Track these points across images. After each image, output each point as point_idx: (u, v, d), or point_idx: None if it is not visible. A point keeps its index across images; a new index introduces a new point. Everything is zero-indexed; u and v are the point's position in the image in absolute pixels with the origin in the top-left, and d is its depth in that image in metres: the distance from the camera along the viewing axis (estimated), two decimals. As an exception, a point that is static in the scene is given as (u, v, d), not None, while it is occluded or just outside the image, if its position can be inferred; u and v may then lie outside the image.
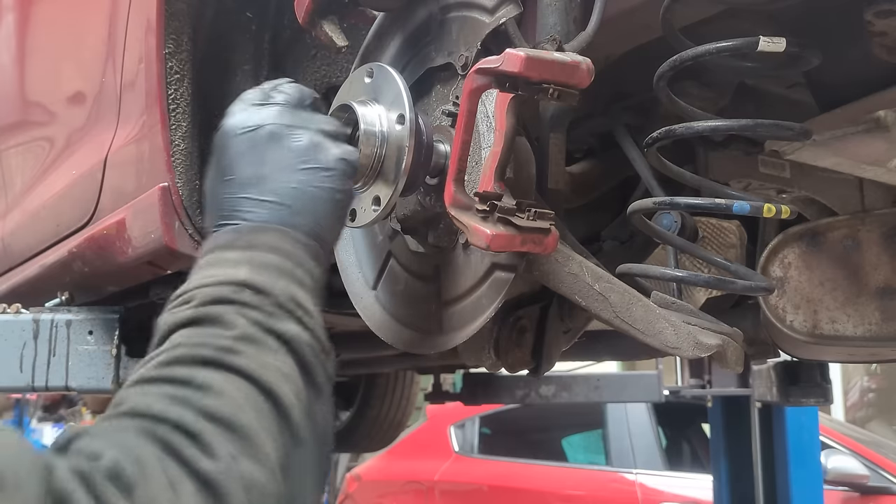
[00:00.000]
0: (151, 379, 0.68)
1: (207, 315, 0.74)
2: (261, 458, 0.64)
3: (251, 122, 0.89)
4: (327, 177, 0.88)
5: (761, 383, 3.16)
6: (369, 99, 1.03)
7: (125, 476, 0.57)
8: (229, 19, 1.41)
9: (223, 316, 0.74)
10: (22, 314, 1.77)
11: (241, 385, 0.68)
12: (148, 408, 0.64)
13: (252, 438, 0.65)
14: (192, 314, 0.74)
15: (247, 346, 0.71)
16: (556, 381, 3.60)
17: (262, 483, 0.63)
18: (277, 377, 0.70)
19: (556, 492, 5.50)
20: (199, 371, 0.68)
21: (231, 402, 0.66)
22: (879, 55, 0.99)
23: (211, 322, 0.73)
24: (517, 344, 1.10)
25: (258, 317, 0.74)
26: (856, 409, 9.83)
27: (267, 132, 0.88)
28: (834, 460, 4.68)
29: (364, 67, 1.07)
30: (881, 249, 1.41)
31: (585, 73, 0.90)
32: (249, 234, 0.83)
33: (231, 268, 0.79)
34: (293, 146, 0.88)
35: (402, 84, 1.01)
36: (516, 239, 0.90)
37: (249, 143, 0.88)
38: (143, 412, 0.64)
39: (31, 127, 2.25)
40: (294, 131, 0.89)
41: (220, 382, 0.67)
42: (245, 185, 0.86)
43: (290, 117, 0.90)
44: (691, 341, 0.94)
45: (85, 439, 0.60)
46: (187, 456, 0.61)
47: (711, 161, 1.29)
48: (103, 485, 0.56)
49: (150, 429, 0.62)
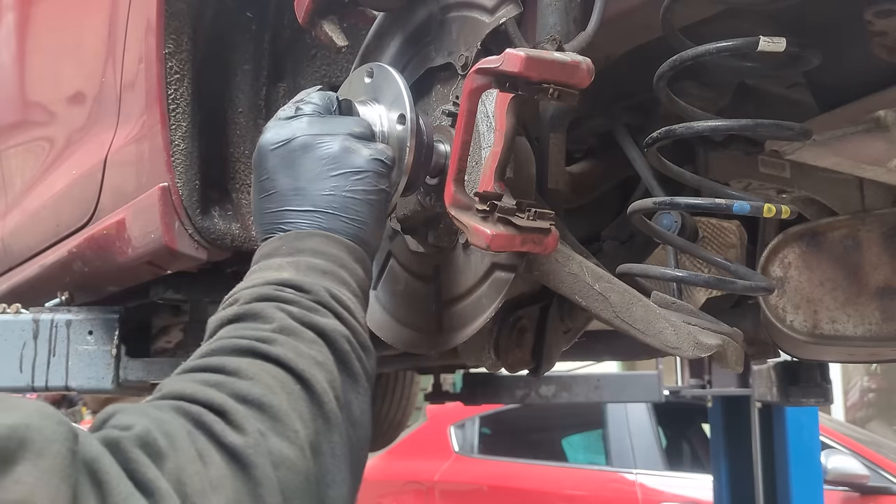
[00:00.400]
0: (188, 368, 0.71)
1: (249, 311, 0.77)
2: (289, 436, 0.66)
3: (282, 136, 0.92)
4: (359, 179, 0.90)
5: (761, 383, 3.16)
6: (369, 99, 1.03)
7: (155, 444, 0.58)
8: (229, 19, 1.41)
9: (263, 311, 0.77)
10: (22, 314, 1.77)
11: (274, 371, 0.70)
12: (180, 391, 0.66)
13: (281, 418, 0.66)
14: (235, 311, 0.78)
15: (283, 337, 0.74)
16: (556, 381, 3.60)
17: (290, 459, 0.65)
18: (310, 364, 0.73)
19: (556, 492, 5.50)
20: (232, 359, 0.71)
21: (261, 385, 0.68)
22: (879, 55, 0.99)
23: (252, 317, 0.77)
24: (517, 344, 1.10)
25: (297, 311, 0.77)
26: (856, 409, 9.83)
27: (298, 144, 0.91)
28: (834, 460, 4.68)
29: (364, 67, 1.07)
30: (881, 249, 1.41)
31: (585, 73, 0.90)
32: (294, 240, 0.86)
33: (275, 271, 0.82)
34: (323, 154, 0.90)
35: (402, 84, 1.01)
36: (516, 239, 0.90)
37: (282, 158, 0.91)
38: (175, 395, 0.66)
39: (31, 127, 2.25)
40: (323, 139, 0.91)
41: (252, 368, 0.70)
42: (285, 198, 0.89)
43: (319, 126, 0.93)
44: (691, 341, 0.94)
45: (117, 417, 0.61)
46: (216, 430, 0.62)
47: (711, 161, 1.29)
48: (131, 450, 0.57)
49: (180, 406, 0.64)
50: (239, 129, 1.43)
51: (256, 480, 0.61)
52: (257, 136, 1.42)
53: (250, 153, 1.43)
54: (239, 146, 1.43)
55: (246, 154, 1.43)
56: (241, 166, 1.43)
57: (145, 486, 0.55)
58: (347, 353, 0.78)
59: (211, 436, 0.62)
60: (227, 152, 1.43)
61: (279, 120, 0.95)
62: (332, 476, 0.69)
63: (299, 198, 0.89)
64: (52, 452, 0.51)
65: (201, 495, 0.57)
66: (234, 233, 1.40)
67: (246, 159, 1.43)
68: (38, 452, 0.50)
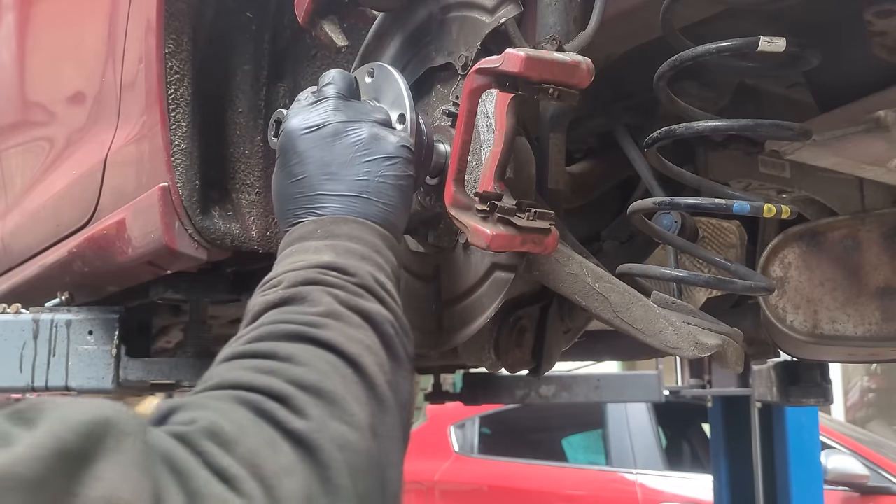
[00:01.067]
0: (237, 355, 0.71)
1: (295, 295, 0.77)
2: (349, 420, 0.66)
3: (312, 121, 0.92)
4: (391, 165, 0.91)
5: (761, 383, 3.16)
6: (370, 98, 1.03)
7: (223, 434, 0.58)
8: (229, 19, 1.41)
9: (310, 294, 0.77)
10: (22, 314, 1.77)
11: (326, 356, 0.71)
12: (236, 380, 0.66)
13: (339, 403, 0.66)
14: (280, 295, 0.78)
15: (332, 321, 0.74)
16: (556, 381, 3.60)
17: (353, 442, 0.65)
18: (361, 349, 0.73)
19: (556, 492, 5.50)
20: (283, 344, 0.71)
21: (317, 371, 0.68)
22: (879, 55, 0.99)
23: (298, 301, 0.77)
24: (517, 344, 1.10)
25: (343, 295, 0.78)
26: (856, 409, 9.83)
27: (329, 130, 0.91)
28: (834, 460, 4.68)
29: (365, 67, 1.07)
30: (881, 249, 1.41)
31: (585, 73, 0.90)
32: (329, 224, 0.87)
33: (314, 254, 0.82)
34: (355, 140, 0.91)
35: (402, 84, 1.01)
36: (516, 239, 0.90)
37: (314, 142, 0.91)
38: (231, 384, 0.66)
39: (31, 127, 2.25)
40: (352, 126, 0.92)
41: (304, 353, 0.70)
42: (316, 182, 0.89)
43: (346, 112, 0.93)
44: (691, 341, 0.94)
45: (178, 413, 0.61)
46: (280, 418, 0.62)
47: (711, 161, 1.29)
48: (201, 442, 0.57)
49: (241, 397, 0.63)
50: (239, 129, 1.43)
51: (325, 464, 0.61)
52: (257, 136, 1.43)
53: (250, 153, 1.43)
54: (239, 146, 1.43)
55: (246, 154, 1.43)
56: (241, 166, 1.43)
57: (222, 472, 0.55)
58: (392, 337, 0.78)
59: (275, 423, 0.62)
60: (227, 152, 1.43)
61: (303, 105, 0.96)
62: (389, 457, 0.70)
63: (332, 182, 0.89)
64: (129, 446, 0.51)
65: (276, 478, 0.57)
66: (234, 233, 1.40)
67: (246, 159, 1.43)
68: (116, 447, 0.50)
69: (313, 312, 0.75)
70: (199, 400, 0.63)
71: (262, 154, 1.43)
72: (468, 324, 1.04)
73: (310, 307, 0.75)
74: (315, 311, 0.75)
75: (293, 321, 0.73)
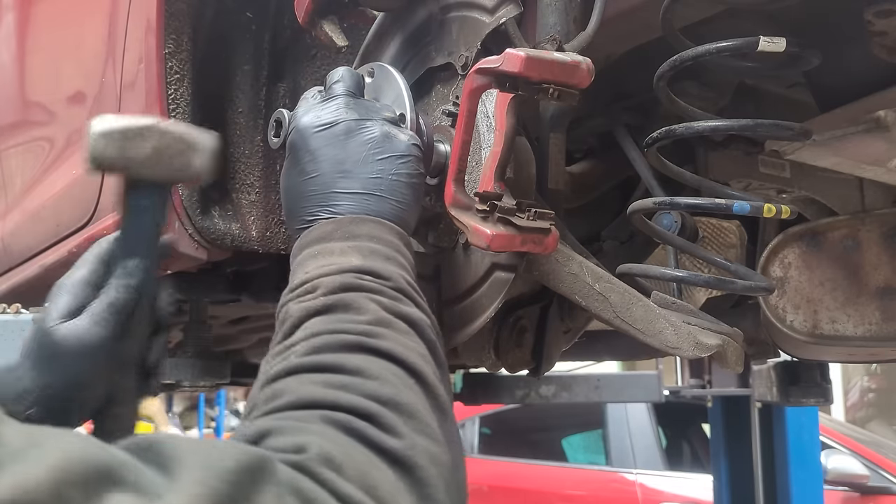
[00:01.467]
0: (302, 368, 0.70)
1: (339, 302, 0.76)
2: (430, 433, 0.67)
3: (324, 119, 0.92)
4: (404, 163, 0.91)
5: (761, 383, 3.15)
6: (371, 98, 1.03)
7: (334, 460, 0.58)
8: (229, 19, 1.41)
9: (354, 301, 0.76)
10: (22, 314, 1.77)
11: (390, 367, 0.71)
12: (313, 397, 0.65)
13: (417, 416, 0.67)
14: (323, 302, 0.77)
15: (384, 330, 0.74)
16: (556, 381, 3.60)
17: (439, 455, 0.65)
18: (417, 358, 0.73)
19: (556, 492, 5.50)
20: (347, 356, 0.70)
21: (389, 384, 0.68)
22: (879, 55, 0.99)
23: (344, 308, 0.76)
24: (517, 344, 1.10)
25: (385, 301, 0.77)
26: (856, 409, 9.83)
27: (342, 128, 0.91)
28: (834, 460, 4.68)
29: (365, 67, 1.07)
30: (881, 249, 1.41)
31: (585, 73, 0.90)
32: (348, 225, 0.86)
33: (340, 256, 0.82)
34: (368, 138, 0.91)
35: (402, 84, 1.01)
36: (516, 239, 0.90)
37: (327, 140, 0.91)
38: (310, 402, 0.65)
39: (31, 127, 2.25)
40: (364, 124, 0.92)
41: (370, 365, 0.69)
42: (330, 180, 0.89)
43: (357, 110, 0.93)
44: (691, 341, 0.94)
45: (276, 438, 0.61)
46: (373, 437, 0.62)
47: (711, 161, 1.29)
48: (321, 470, 0.57)
49: (329, 417, 0.63)
50: (239, 129, 1.43)
51: (424, 482, 0.62)
52: (257, 136, 1.43)
53: (250, 153, 1.43)
54: (239, 146, 1.43)
55: (246, 154, 1.43)
56: (241, 166, 1.43)
57: (347, 499, 0.56)
58: (434, 341, 0.79)
59: (368, 443, 0.62)
60: (227, 152, 1.43)
61: (313, 102, 0.95)
62: (458, 461, 0.70)
63: (346, 180, 0.88)
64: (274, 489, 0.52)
65: (392, 498, 0.58)
66: (234, 233, 1.40)
67: (246, 159, 1.43)
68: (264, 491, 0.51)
69: (363, 321, 0.74)
70: (291, 424, 0.63)
71: (262, 154, 1.43)
72: (468, 324, 1.04)
73: (358, 315, 0.75)
74: (365, 320, 0.74)
75: (347, 330, 0.73)
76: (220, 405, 9.46)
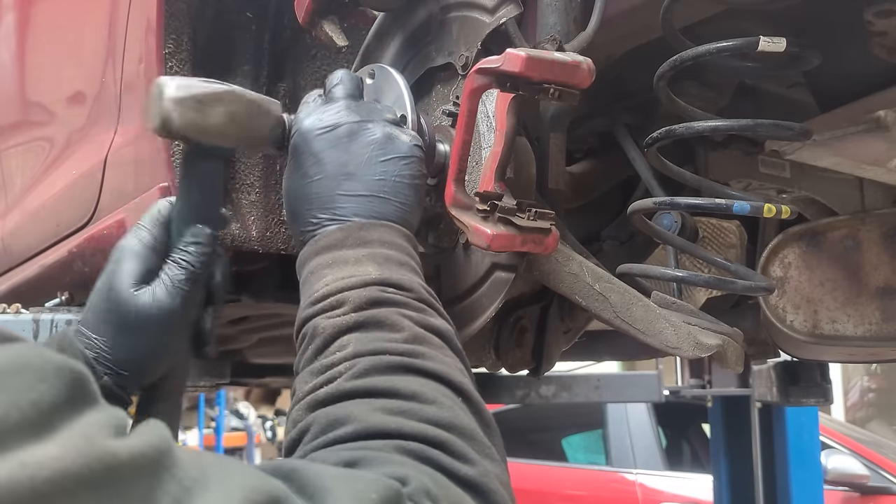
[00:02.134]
0: (355, 392, 0.70)
1: (371, 319, 0.77)
2: (490, 454, 0.68)
3: (326, 122, 0.91)
4: (406, 164, 0.91)
5: (761, 383, 3.16)
6: (371, 100, 1.03)
7: (431, 491, 0.60)
8: (229, 19, 1.41)
9: (387, 318, 0.77)
10: (22, 314, 1.77)
11: (440, 388, 0.72)
12: (379, 426, 0.66)
13: (477, 438, 0.68)
14: (355, 319, 0.77)
15: (423, 348, 0.75)
16: (556, 381, 3.60)
17: (502, 475, 0.67)
18: (458, 374, 0.74)
19: (556, 492, 5.50)
20: (397, 379, 0.71)
21: (445, 408, 0.69)
22: (879, 55, 0.99)
23: (377, 326, 0.76)
24: (517, 344, 1.10)
25: (414, 315, 0.78)
26: (856, 409, 9.83)
27: (344, 130, 0.91)
28: (834, 460, 4.68)
29: (366, 68, 1.07)
30: (881, 249, 1.41)
31: (586, 74, 0.90)
32: (358, 231, 0.85)
33: (357, 266, 0.82)
34: (370, 140, 0.91)
35: (403, 85, 1.01)
36: (517, 239, 0.90)
37: (329, 143, 0.90)
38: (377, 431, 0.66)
39: (31, 127, 2.24)
40: (366, 125, 0.91)
41: (422, 388, 0.70)
42: (334, 183, 0.89)
43: (358, 111, 0.93)
44: (691, 341, 0.94)
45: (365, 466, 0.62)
46: (448, 466, 0.64)
47: (711, 161, 1.29)
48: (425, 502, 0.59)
49: (403, 448, 0.64)
50: (239, 129, 1.43)
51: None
52: (257, 136, 1.43)
53: (250, 153, 1.43)
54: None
55: (245, 154, 1.43)
56: (240, 166, 1.43)
57: None
58: (461, 350, 0.79)
59: (446, 471, 0.63)
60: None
61: (315, 105, 0.95)
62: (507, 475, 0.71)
63: (350, 182, 0.88)
64: None
65: None
66: (234, 233, 1.40)
67: (246, 159, 1.43)
68: None
69: (401, 339, 0.75)
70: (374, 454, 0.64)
71: (261, 154, 1.43)
72: (468, 324, 1.03)
73: (394, 333, 0.76)
74: (402, 338, 0.75)
75: (388, 350, 0.74)
76: (220, 405, 9.46)
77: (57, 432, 0.43)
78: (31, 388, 0.44)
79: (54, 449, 0.42)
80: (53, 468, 0.41)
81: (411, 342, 0.75)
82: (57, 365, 0.46)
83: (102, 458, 0.43)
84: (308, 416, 0.70)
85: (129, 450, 0.45)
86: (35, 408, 0.43)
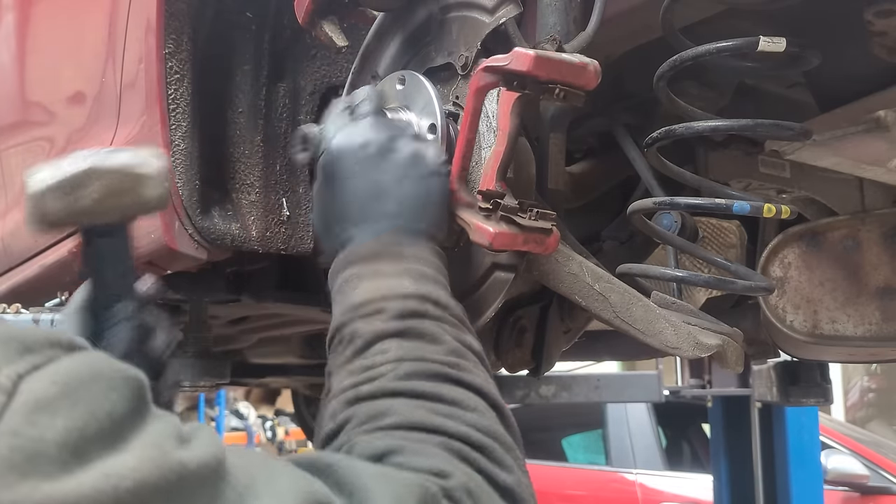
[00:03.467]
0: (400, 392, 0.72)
1: (412, 328, 0.79)
2: (522, 466, 0.71)
3: (356, 140, 0.93)
4: (435, 182, 0.92)
5: (761, 383, 3.15)
6: (401, 106, 1.03)
7: (473, 492, 0.62)
8: (229, 19, 1.41)
9: (428, 330, 0.79)
10: (22, 314, 1.77)
11: (478, 400, 0.74)
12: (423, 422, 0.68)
13: (512, 449, 0.71)
14: (395, 326, 0.78)
15: (462, 361, 0.77)
16: (556, 381, 3.60)
17: (530, 486, 0.70)
18: (494, 389, 0.77)
19: (556, 492, 5.50)
20: (440, 386, 0.73)
21: (486, 417, 0.72)
22: (879, 55, 0.99)
23: (418, 336, 0.78)
24: (517, 344, 1.10)
25: (453, 331, 0.80)
26: (856, 409, 9.83)
27: (375, 149, 0.92)
28: (834, 460, 4.68)
29: (396, 74, 1.08)
30: (881, 249, 1.41)
31: (593, 75, 0.90)
32: (393, 245, 0.87)
33: (394, 279, 0.83)
34: (400, 158, 0.92)
35: (433, 92, 1.02)
36: (518, 238, 0.90)
37: (361, 161, 0.92)
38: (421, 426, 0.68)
39: (32, 127, 2.24)
40: (395, 143, 0.93)
41: (464, 397, 0.73)
42: (369, 200, 0.90)
43: (386, 129, 0.94)
44: (691, 341, 0.94)
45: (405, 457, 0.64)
46: (489, 471, 0.66)
47: (711, 161, 1.29)
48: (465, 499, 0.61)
49: (446, 444, 0.66)
50: (239, 129, 1.43)
51: None
52: (257, 136, 1.43)
53: (250, 153, 1.43)
54: (239, 146, 1.43)
55: (246, 154, 1.43)
56: (241, 166, 1.43)
57: None
58: (490, 369, 0.81)
59: (486, 475, 0.65)
60: (227, 152, 1.43)
61: (342, 123, 0.96)
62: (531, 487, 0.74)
63: (383, 199, 0.89)
64: None
65: None
66: (234, 233, 1.40)
67: (246, 159, 1.43)
68: None
69: (442, 351, 0.77)
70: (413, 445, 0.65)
71: (261, 154, 1.43)
72: (468, 324, 1.03)
73: (434, 344, 0.78)
74: (443, 350, 0.77)
75: (429, 359, 0.75)
76: (219, 405, 9.46)
77: (129, 442, 0.45)
78: (105, 398, 0.46)
79: (131, 459, 0.44)
80: (134, 479, 0.44)
81: (450, 355, 0.77)
82: (124, 374, 0.48)
83: (174, 468, 0.46)
84: (348, 409, 0.72)
85: (196, 460, 0.47)
86: (110, 418, 0.45)
